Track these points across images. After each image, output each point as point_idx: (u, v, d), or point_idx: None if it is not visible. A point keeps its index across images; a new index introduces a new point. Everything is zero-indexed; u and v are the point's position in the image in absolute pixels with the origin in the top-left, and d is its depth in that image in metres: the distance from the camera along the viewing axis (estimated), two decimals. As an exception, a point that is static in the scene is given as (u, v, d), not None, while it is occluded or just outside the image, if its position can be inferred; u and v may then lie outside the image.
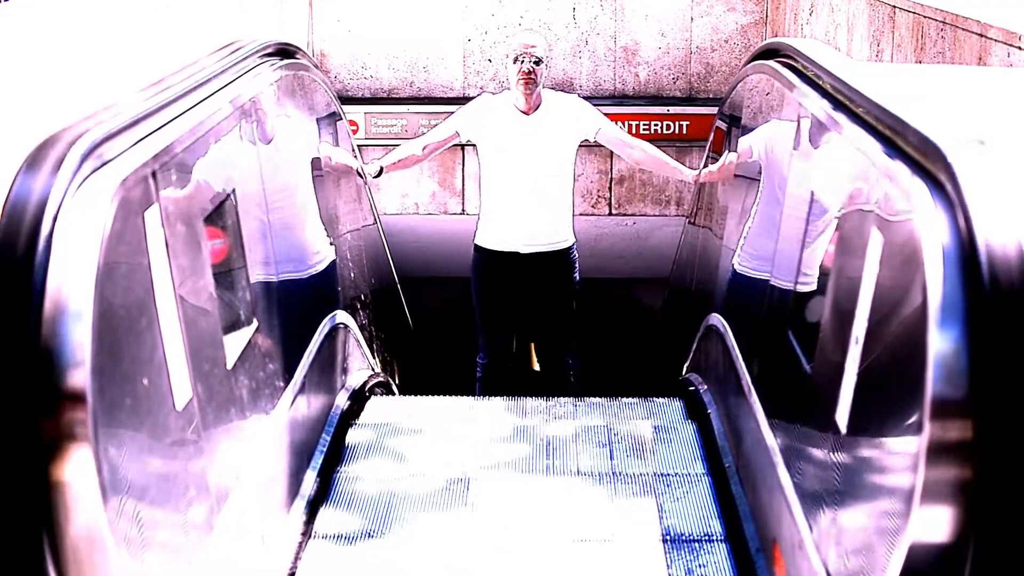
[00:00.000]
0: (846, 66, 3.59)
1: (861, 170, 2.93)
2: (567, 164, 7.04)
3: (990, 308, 2.16)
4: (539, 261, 7.09)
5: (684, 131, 9.38)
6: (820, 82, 3.62)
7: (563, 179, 7.06)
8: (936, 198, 2.37)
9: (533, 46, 6.86)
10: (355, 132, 8.71)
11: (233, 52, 4.03)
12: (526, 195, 6.96)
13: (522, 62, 6.83)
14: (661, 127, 9.39)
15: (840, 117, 3.22)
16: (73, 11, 5.52)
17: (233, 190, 3.59)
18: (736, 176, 5.27)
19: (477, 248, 7.23)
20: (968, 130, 2.61)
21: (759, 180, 4.70)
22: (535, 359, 8.19)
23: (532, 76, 6.82)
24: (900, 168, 2.58)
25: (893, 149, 2.70)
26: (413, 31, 9.38)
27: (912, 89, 3.57)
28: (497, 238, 7.10)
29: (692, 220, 7.05)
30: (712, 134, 6.41)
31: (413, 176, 9.35)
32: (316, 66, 5.65)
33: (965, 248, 2.22)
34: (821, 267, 3.38)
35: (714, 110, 6.90)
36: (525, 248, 7.06)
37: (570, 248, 7.19)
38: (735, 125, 5.52)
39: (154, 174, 2.78)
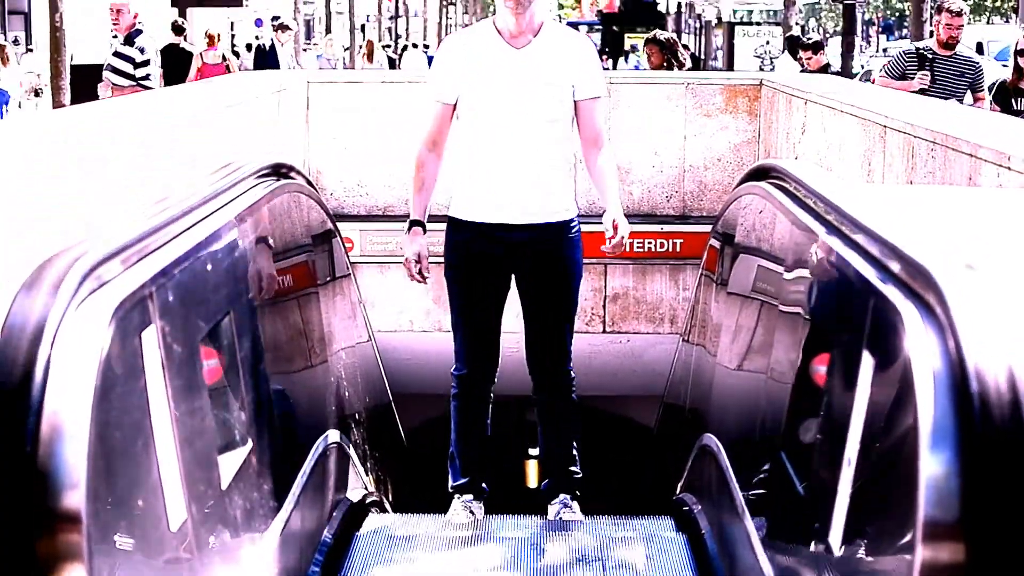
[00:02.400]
0: (836, 188, 3.63)
1: (852, 293, 2.96)
2: (567, 110, 5.64)
3: (980, 432, 2.18)
4: (533, 236, 5.64)
5: (678, 249, 9.43)
6: (811, 204, 3.66)
7: (562, 130, 5.64)
8: (927, 322, 2.40)
9: None
10: (350, 249, 8.74)
11: (230, 173, 4.08)
12: (517, 150, 5.56)
13: None
14: (655, 245, 9.44)
15: (831, 240, 3.25)
16: (79, 129, 5.59)
17: (229, 309, 3.62)
18: (729, 295, 5.31)
19: (452, 222, 5.75)
20: (958, 253, 2.64)
21: (751, 299, 4.72)
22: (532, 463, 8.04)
23: None
24: (891, 291, 2.61)
25: (884, 272, 2.73)
26: (409, 149, 9.45)
27: (903, 211, 3.61)
28: (479, 206, 5.64)
29: (686, 338, 7.07)
30: (706, 252, 6.44)
31: (408, 293, 9.38)
32: (311, 184, 5.72)
33: (956, 373, 2.24)
34: (813, 388, 3.39)
35: (708, 228, 6.91)
36: (515, 218, 5.61)
37: (572, 222, 5.74)
38: (728, 244, 5.56)
39: (151, 295, 2.81)
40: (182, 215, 3.31)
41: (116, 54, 11.41)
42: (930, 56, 10.47)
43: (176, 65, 20.75)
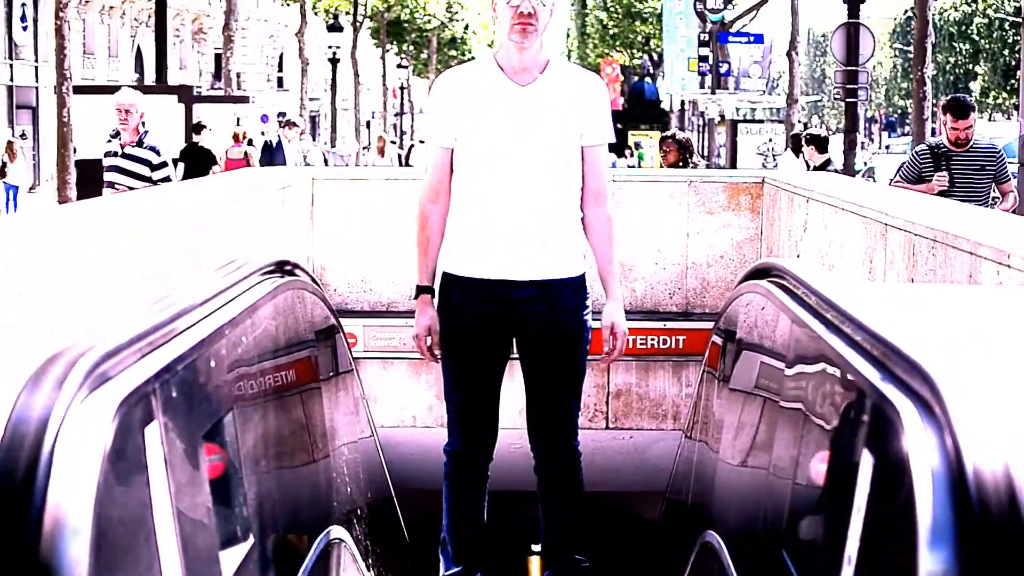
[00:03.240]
0: (836, 287, 3.66)
1: (852, 391, 2.98)
2: (577, 154, 5.23)
3: (979, 530, 2.19)
4: (538, 295, 5.18)
5: (680, 346, 9.44)
6: (811, 303, 3.68)
7: (571, 176, 5.22)
8: (925, 420, 2.41)
9: None
10: (353, 345, 8.76)
11: (235, 270, 4.11)
12: (520, 197, 5.12)
13: None
14: (658, 342, 9.45)
15: (831, 338, 3.27)
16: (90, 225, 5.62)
17: (232, 406, 3.64)
18: (731, 392, 5.31)
19: (446, 279, 5.29)
20: (957, 352, 2.66)
21: (753, 397, 4.73)
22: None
23: (533, 19, 5.07)
24: (890, 390, 2.63)
25: (883, 371, 2.75)
26: (413, 245, 9.50)
27: (903, 309, 3.63)
28: (477, 261, 5.19)
29: (688, 434, 7.06)
30: (708, 349, 6.46)
31: (410, 389, 9.38)
32: (315, 281, 5.75)
33: (954, 471, 2.25)
34: (813, 486, 3.40)
35: (710, 325, 6.94)
36: (518, 274, 5.14)
37: (581, 279, 5.31)
38: (731, 341, 5.58)
39: (155, 391, 2.83)
40: (186, 312, 3.34)
41: (127, 156, 11.09)
42: (946, 153, 9.93)
43: (196, 163, 20.96)
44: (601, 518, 9.65)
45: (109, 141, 11.60)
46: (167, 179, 11.06)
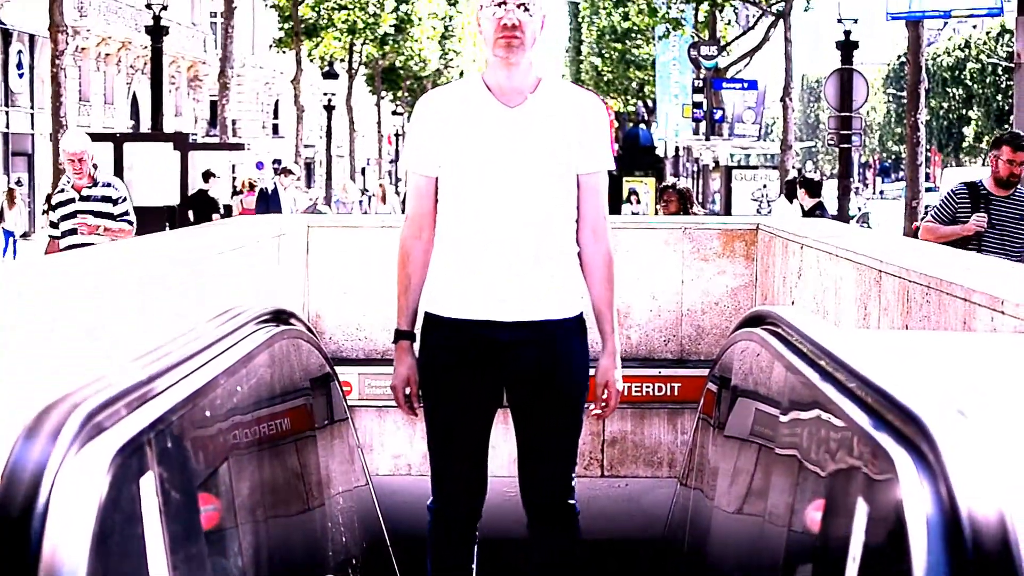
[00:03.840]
0: (830, 335, 3.67)
1: (847, 439, 2.98)
2: (572, 182, 4.78)
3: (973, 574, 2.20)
4: (531, 337, 4.71)
5: (675, 393, 9.44)
6: (805, 350, 3.69)
7: (565, 206, 4.76)
8: (919, 469, 2.42)
9: None
10: (348, 393, 8.76)
11: (231, 319, 4.12)
12: (510, 229, 4.66)
13: (503, 5, 4.65)
14: (652, 389, 9.45)
15: (825, 386, 3.28)
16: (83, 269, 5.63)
17: (227, 456, 3.64)
18: (726, 439, 5.31)
19: (428, 320, 4.82)
20: (951, 400, 2.67)
21: (748, 444, 4.74)
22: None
23: (518, 31, 4.63)
24: (884, 438, 2.63)
25: (878, 419, 2.76)
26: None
27: (897, 357, 3.64)
28: (462, 300, 4.71)
29: (684, 482, 7.06)
30: (703, 396, 6.46)
31: (406, 437, 9.37)
32: (310, 329, 5.75)
33: (948, 519, 2.26)
34: (808, 533, 3.40)
35: (705, 372, 6.93)
36: (508, 314, 4.67)
37: (578, 321, 4.84)
38: (725, 388, 5.58)
39: (150, 442, 2.83)
40: (182, 361, 3.34)
41: (86, 198, 10.93)
42: (986, 195, 9.32)
43: (203, 211, 21.03)
44: (596, 567, 9.62)
45: (61, 191, 11.28)
46: (127, 213, 11.04)
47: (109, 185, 11.03)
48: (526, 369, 4.75)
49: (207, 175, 22.88)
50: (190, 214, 21.80)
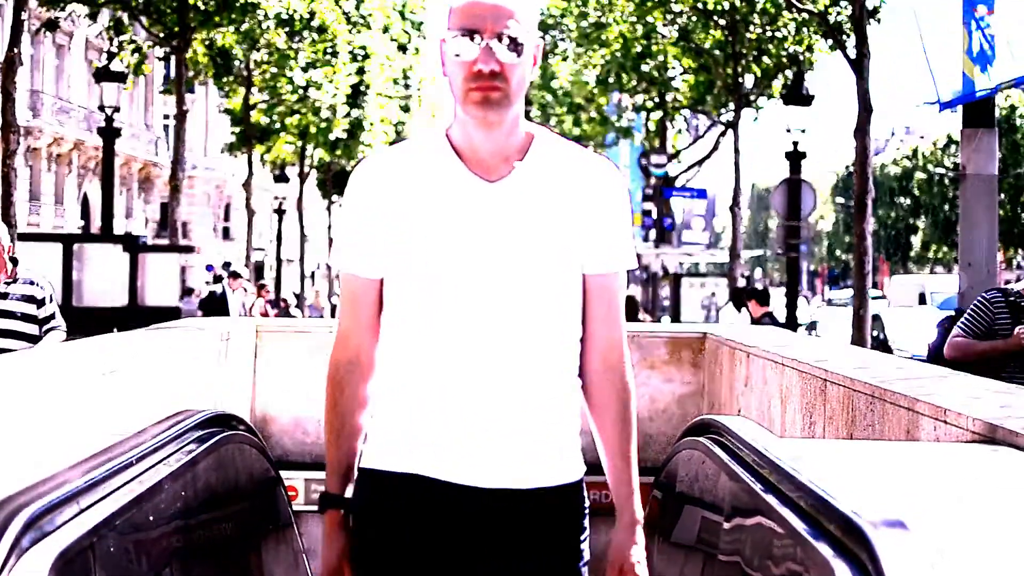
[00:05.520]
0: (774, 444, 3.70)
1: (789, 549, 3.00)
2: (574, 289, 3.38)
3: None
4: (512, 509, 3.29)
5: (623, 499, 9.40)
6: (748, 460, 3.72)
7: (566, 321, 3.36)
8: (859, 579, 2.44)
9: (503, 9, 3.23)
10: (294, 498, 8.71)
11: (176, 424, 4.12)
12: (484, 356, 3.23)
13: (476, 39, 3.21)
14: (600, 496, 9.37)
15: (769, 496, 3.30)
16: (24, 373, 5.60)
17: (170, 560, 3.62)
18: (671, 546, 5.32)
19: (368, 479, 3.35)
20: (892, 510, 2.69)
21: (692, 552, 4.74)
22: None
23: (499, 80, 3.20)
24: (824, 548, 2.65)
25: (818, 528, 2.78)
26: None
27: (840, 466, 3.66)
28: (418, 454, 3.27)
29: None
30: (648, 504, 6.47)
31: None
32: (255, 434, 5.73)
33: (886, 630, 2.27)
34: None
35: (651, 479, 6.92)
36: (481, 477, 3.24)
37: (576, 490, 3.52)
38: (670, 496, 5.60)
39: (93, 546, 2.82)
40: (126, 466, 3.34)
41: (3, 295, 8.85)
42: None
43: (216, 311, 20.98)
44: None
45: None
46: (52, 316, 8.93)
47: (32, 283, 9.02)
48: (505, 554, 3.30)
49: (216, 277, 22.89)
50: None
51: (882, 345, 24.70)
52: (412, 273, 3.29)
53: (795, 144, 26.13)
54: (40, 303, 8.95)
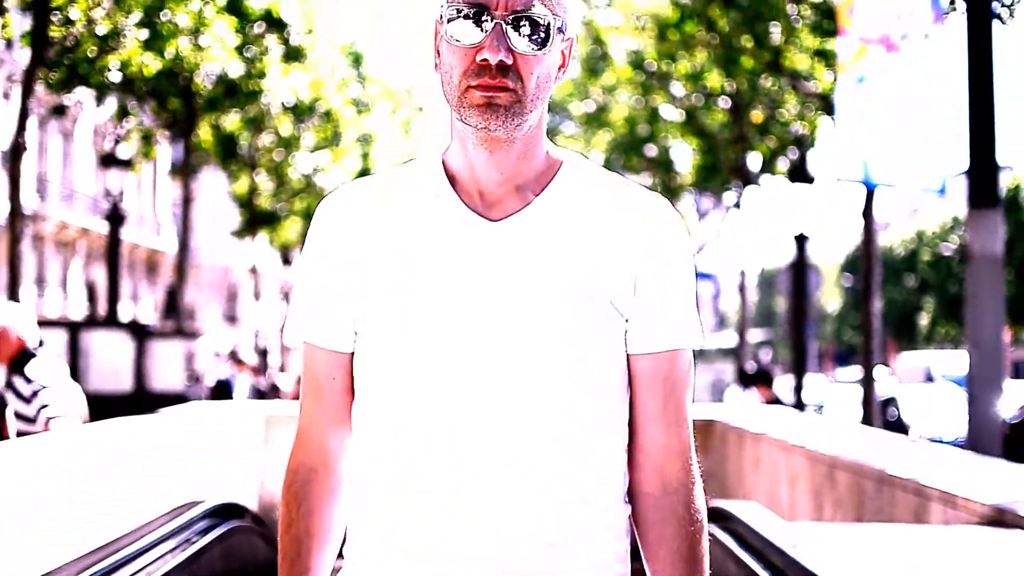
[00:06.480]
0: (782, 530, 3.69)
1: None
2: (614, 365, 2.47)
3: None
4: None
5: None
6: (757, 547, 3.71)
7: (603, 416, 2.45)
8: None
9: None
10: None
11: (183, 513, 4.12)
12: (493, 460, 2.37)
13: (483, 19, 2.37)
14: None
15: (777, 583, 3.29)
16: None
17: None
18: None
19: None
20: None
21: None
22: None
23: (510, 77, 2.37)
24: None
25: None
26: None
27: (848, 552, 3.65)
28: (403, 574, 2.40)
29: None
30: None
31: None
32: (262, 523, 5.74)
33: None
34: None
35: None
36: None
37: None
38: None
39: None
40: (135, 556, 3.34)
41: (8, 385, 8.05)
42: None
43: (223, 396, 20.96)
44: None
45: None
46: (44, 406, 7.81)
47: (27, 378, 7.98)
48: None
49: (236, 360, 22.91)
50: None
51: (898, 426, 24.65)
52: (386, 347, 2.44)
53: (800, 228, 26.19)
54: (27, 400, 7.98)
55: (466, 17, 2.39)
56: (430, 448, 2.40)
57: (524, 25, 2.38)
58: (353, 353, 2.53)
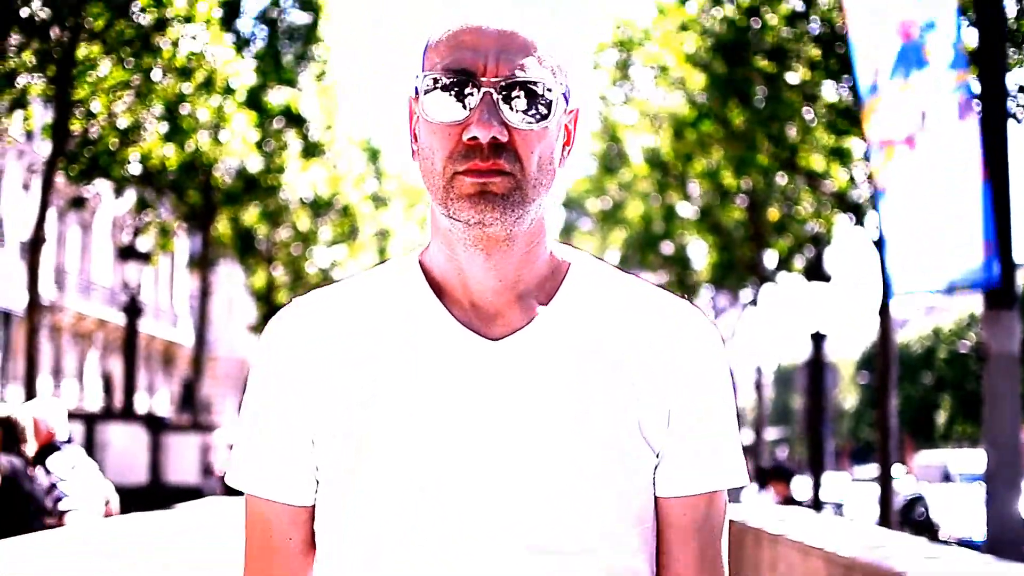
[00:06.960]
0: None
1: None
2: (629, 525, 2.01)
3: None
4: None
5: None
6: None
7: (622, 569, 1.99)
8: None
9: (514, 39, 1.95)
10: None
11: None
12: None
13: (468, 89, 1.93)
14: None
15: None
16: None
17: None
18: None
19: None
20: None
21: None
22: None
23: (505, 158, 1.91)
24: None
25: None
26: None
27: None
28: None
29: None
30: None
31: None
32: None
33: None
34: None
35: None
36: None
37: None
38: None
39: None
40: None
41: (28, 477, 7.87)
42: None
43: (236, 491, 20.89)
44: None
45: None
46: (59, 499, 7.80)
47: (47, 469, 8.12)
48: None
49: None
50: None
51: (927, 526, 24.48)
52: (358, 500, 2.01)
53: (817, 326, 26.19)
54: (45, 492, 7.87)
55: (446, 88, 1.95)
56: None
57: (519, 95, 1.94)
58: (313, 507, 2.10)
